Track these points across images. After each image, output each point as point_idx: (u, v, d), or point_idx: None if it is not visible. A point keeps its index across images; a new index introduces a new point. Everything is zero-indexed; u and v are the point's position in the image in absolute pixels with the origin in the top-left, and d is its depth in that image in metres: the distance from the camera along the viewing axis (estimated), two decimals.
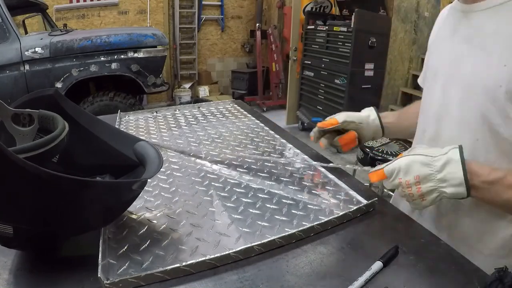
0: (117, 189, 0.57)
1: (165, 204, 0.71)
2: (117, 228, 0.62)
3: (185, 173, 0.86)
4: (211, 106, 1.47)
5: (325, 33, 3.70)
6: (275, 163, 0.92)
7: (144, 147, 0.69)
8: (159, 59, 3.50)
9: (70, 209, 0.50)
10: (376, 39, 3.39)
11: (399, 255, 0.56)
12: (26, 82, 3.08)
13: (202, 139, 1.09)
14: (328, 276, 0.53)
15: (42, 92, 0.70)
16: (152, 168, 0.61)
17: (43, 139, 0.54)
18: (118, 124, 1.22)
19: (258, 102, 5.18)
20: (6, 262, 0.54)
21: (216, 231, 0.62)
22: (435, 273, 0.53)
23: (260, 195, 0.75)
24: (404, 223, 0.67)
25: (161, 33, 3.61)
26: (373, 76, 3.53)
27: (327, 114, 3.42)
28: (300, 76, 4.20)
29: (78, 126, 0.71)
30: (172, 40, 5.46)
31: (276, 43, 5.08)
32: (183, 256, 0.56)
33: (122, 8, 5.03)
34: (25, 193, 0.44)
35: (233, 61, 6.13)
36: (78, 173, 0.64)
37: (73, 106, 0.73)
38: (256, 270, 0.54)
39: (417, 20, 3.68)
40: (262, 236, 0.61)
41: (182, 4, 5.41)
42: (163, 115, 1.35)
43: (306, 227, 0.61)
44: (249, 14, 5.98)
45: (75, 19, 4.75)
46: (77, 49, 3.18)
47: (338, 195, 0.76)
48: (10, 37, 3.01)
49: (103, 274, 0.49)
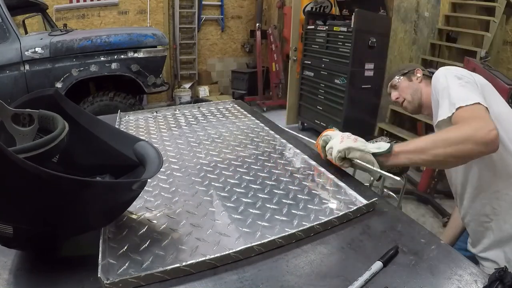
0: (117, 189, 0.57)
1: (165, 204, 0.71)
2: (117, 228, 0.62)
3: (185, 173, 0.86)
4: (211, 106, 1.47)
5: (325, 33, 3.70)
6: (275, 163, 0.92)
7: (144, 147, 0.69)
8: (159, 59, 3.50)
9: (70, 209, 0.50)
10: (376, 39, 3.39)
11: (399, 255, 0.56)
12: (26, 82, 3.08)
13: (202, 139, 1.09)
14: (328, 276, 0.53)
15: (42, 92, 0.70)
16: (152, 168, 0.61)
17: (43, 139, 0.54)
18: (118, 124, 1.22)
19: (258, 102, 5.17)
20: (6, 262, 0.54)
21: (216, 231, 0.62)
22: (435, 273, 0.53)
23: (260, 195, 0.75)
24: (404, 223, 0.67)
25: (161, 33, 3.61)
26: (373, 76, 3.53)
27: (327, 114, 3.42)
28: (300, 76, 4.20)
29: (78, 126, 0.71)
30: (172, 40, 5.46)
31: (276, 43, 5.08)
32: (183, 256, 0.56)
33: (122, 8, 5.03)
34: (25, 193, 0.44)
35: (233, 61, 6.13)
36: (78, 173, 0.64)
37: (73, 106, 0.73)
38: (256, 270, 0.54)
39: (417, 20, 3.68)
40: (262, 236, 0.61)
41: (182, 4, 5.41)
42: (163, 115, 1.35)
43: (306, 227, 0.61)
44: (249, 14, 5.98)
45: (75, 19, 4.75)
46: (77, 49, 3.18)
47: (338, 195, 0.76)
48: (10, 37, 3.01)
49: (103, 274, 0.49)
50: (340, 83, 3.54)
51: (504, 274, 0.47)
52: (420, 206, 2.65)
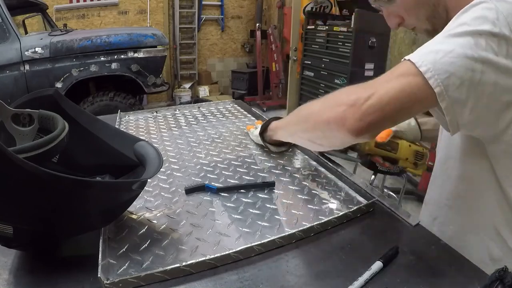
0: (117, 189, 0.57)
1: (165, 204, 0.71)
2: (117, 228, 0.62)
3: (185, 173, 0.86)
4: (211, 106, 1.47)
5: (325, 33, 3.70)
6: (275, 163, 0.92)
7: (144, 147, 0.69)
8: (159, 59, 3.50)
9: (70, 209, 0.50)
10: (376, 39, 3.39)
11: (399, 255, 0.56)
12: (26, 82, 3.08)
13: (202, 139, 1.09)
14: (328, 276, 0.53)
15: (42, 92, 0.70)
16: (152, 168, 0.61)
17: (43, 139, 0.54)
18: (118, 124, 1.22)
19: (258, 102, 5.17)
20: (6, 262, 0.54)
21: (216, 231, 0.62)
22: (435, 273, 0.53)
23: (260, 195, 0.75)
24: (404, 223, 0.67)
25: (161, 33, 3.61)
26: (373, 76, 3.47)
27: None
28: (300, 76, 4.20)
29: (78, 126, 0.71)
30: (172, 40, 5.46)
31: (276, 43, 5.08)
32: (183, 256, 0.56)
33: (122, 8, 5.03)
34: (25, 193, 0.44)
35: (233, 61, 6.13)
36: (78, 173, 0.65)
37: (73, 106, 0.73)
38: (256, 270, 0.54)
39: None
40: (262, 236, 0.61)
41: (182, 4, 5.41)
42: (163, 115, 1.35)
43: (306, 227, 0.61)
44: (249, 14, 5.98)
45: (75, 19, 4.75)
46: (77, 49, 3.18)
47: (338, 195, 0.76)
48: (10, 37, 3.01)
49: (103, 274, 0.49)
50: (340, 83, 3.53)
51: (504, 274, 0.47)
52: (420, 206, 2.64)
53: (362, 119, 0.51)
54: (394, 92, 0.51)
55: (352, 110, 0.52)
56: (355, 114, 0.52)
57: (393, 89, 0.51)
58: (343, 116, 0.53)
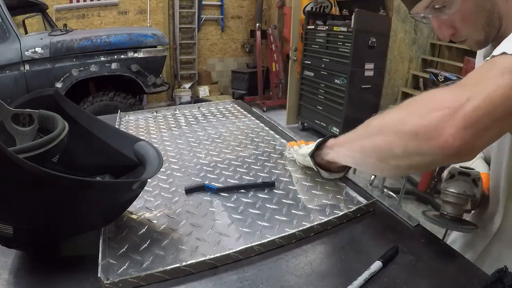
0: (117, 189, 0.57)
1: (165, 204, 0.71)
2: (117, 228, 0.62)
3: (185, 173, 0.86)
4: (211, 106, 1.47)
5: (325, 33, 3.70)
6: (275, 163, 0.92)
7: (144, 147, 0.69)
8: (159, 59, 3.50)
9: (70, 209, 0.50)
10: (376, 39, 3.39)
11: (399, 255, 0.56)
12: (26, 82, 3.08)
13: (202, 139, 1.09)
14: (328, 276, 0.53)
15: (42, 92, 0.70)
16: (152, 168, 0.61)
17: (43, 139, 0.54)
18: (118, 124, 1.22)
19: (258, 102, 5.17)
20: (6, 262, 0.54)
21: (216, 231, 0.62)
22: (435, 273, 0.53)
23: (260, 195, 0.75)
24: (404, 223, 0.67)
25: (161, 33, 3.61)
26: (373, 76, 3.53)
27: (327, 114, 3.43)
28: (300, 76, 4.20)
29: (78, 126, 0.71)
30: (172, 40, 5.46)
31: (276, 43, 5.08)
32: (183, 256, 0.56)
33: (122, 8, 5.03)
34: (25, 193, 0.44)
35: (233, 61, 6.13)
36: (78, 173, 0.64)
37: (73, 106, 0.73)
38: (256, 270, 0.54)
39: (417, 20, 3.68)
40: (262, 236, 0.61)
41: (182, 4, 5.41)
42: (163, 115, 1.35)
43: (306, 227, 0.61)
44: (249, 14, 5.98)
45: (75, 19, 4.75)
46: (77, 49, 3.18)
47: (338, 195, 0.76)
48: (10, 37, 3.01)
49: (103, 274, 0.49)
50: (340, 83, 3.54)
51: (504, 274, 0.47)
52: (420, 206, 2.65)
53: (467, 126, 0.39)
54: (503, 90, 0.40)
55: (452, 115, 0.40)
56: (456, 120, 0.40)
57: (501, 87, 0.40)
58: (438, 124, 0.41)
